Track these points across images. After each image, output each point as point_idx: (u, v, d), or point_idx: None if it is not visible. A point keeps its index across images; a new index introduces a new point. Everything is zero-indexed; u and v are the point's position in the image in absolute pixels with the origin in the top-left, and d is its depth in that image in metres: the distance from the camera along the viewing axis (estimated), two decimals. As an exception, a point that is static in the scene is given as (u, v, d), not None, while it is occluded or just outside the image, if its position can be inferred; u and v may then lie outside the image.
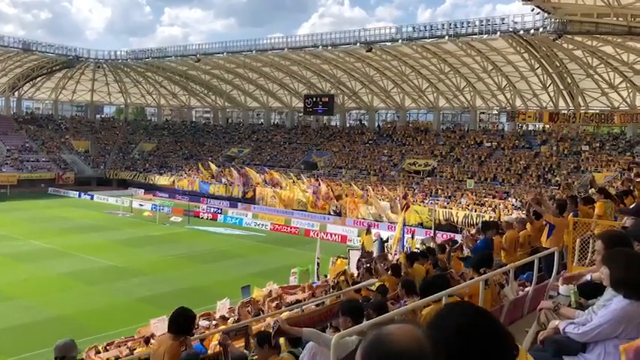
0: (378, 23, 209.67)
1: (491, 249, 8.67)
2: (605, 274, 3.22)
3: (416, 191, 45.64)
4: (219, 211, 49.07)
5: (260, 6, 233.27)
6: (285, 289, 17.37)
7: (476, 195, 43.22)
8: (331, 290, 12.26)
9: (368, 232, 25.02)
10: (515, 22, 39.33)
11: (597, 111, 46.42)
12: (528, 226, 9.71)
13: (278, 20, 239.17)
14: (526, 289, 7.16)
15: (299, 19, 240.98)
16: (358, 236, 36.58)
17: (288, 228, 43.41)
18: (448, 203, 42.82)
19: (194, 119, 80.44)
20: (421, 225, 39.58)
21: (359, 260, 16.88)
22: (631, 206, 7.31)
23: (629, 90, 43.57)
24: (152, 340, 13.24)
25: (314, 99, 58.06)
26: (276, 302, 13.63)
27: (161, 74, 69.48)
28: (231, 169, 56.69)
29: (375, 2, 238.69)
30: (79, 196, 57.90)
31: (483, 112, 56.54)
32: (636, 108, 43.97)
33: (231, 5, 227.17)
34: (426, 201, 43.82)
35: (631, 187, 10.48)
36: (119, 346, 14.57)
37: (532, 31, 38.37)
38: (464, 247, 12.27)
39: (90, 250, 33.03)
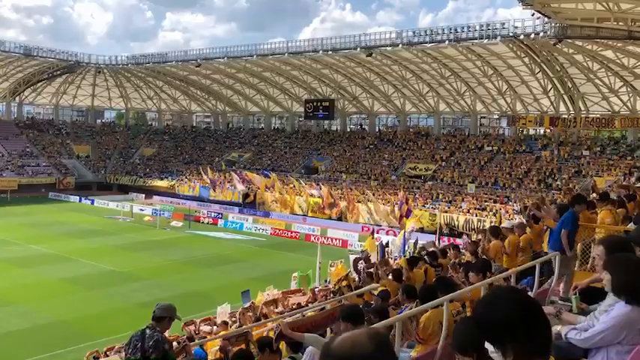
0: (379, 28, 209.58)
1: (576, 225, 7.69)
2: (607, 279, 3.20)
3: (417, 196, 45.62)
4: (220, 215, 49.05)
5: (261, 11, 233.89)
6: (286, 293, 17.34)
7: (477, 199, 43.19)
8: (332, 295, 12.23)
9: (372, 236, 25.05)
10: (516, 27, 39.38)
11: (598, 115, 46.43)
12: (529, 230, 9.71)
13: (279, 25, 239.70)
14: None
15: (300, 23, 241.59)
16: (359, 241, 36.55)
17: (289, 232, 43.39)
18: (449, 208, 42.78)
19: (195, 124, 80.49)
20: (421, 230, 39.53)
21: (355, 261, 16.81)
22: None
23: (630, 94, 43.59)
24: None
25: (314, 104, 58.14)
26: (277, 307, 13.61)
27: (162, 79, 69.63)
28: (232, 173, 56.73)
29: (376, 7, 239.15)
30: (80, 200, 57.89)
31: (484, 117, 56.56)
32: (637, 112, 44.00)
33: (232, 10, 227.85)
34: (427, 205, 43.81)
35: (631, 192, 10.47)
36: (119, 351, 14.52)
37: (532, 35, 38.44)
38: (465, 252, 12.24)
39: (90, 254, 33.00)
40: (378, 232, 37.70)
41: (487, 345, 2.02)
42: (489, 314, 1.96)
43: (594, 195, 11.38)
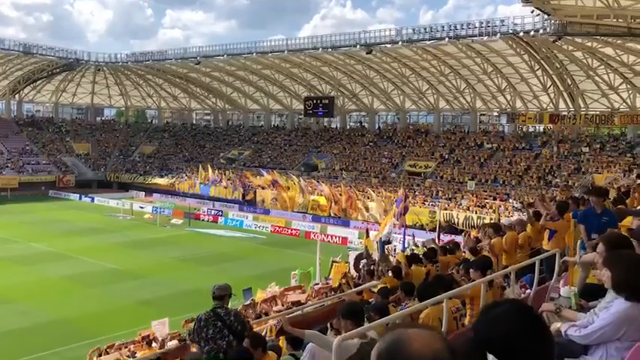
0: (380, 25, 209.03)
1: (588, 218, 7.13)
2: (607, 276, 3.21)
3: (416, 193, 45.61)
4: (220, 213, 49.05)
5: (261, 8, 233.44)
6: (285, 290, 17.38)
7: (476, 197, 43.19)
8: (332, 292, 12.25)
9: (367, 235, 24.99)
10: (515, 24, 39.30)
11: (597, 112, 46.38)
12: (528, 227, 9.72)
13: (279, 22, 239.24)
14: (527, 291, 7.15)
15: (300, 20, 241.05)
16: (359, 238, 36.54)
17: (289, 230, 43.40)
18: (449, 205, 42.77)
19: (194, 122, 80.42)
20: (421, 227, 39.56)
21: (357, 259, 16.84)
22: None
23: (630, 91, 43.54)
24: (154, 343, 13.25)
25: (314, 101, 58.06)
26: (275, 304, 13.64)
27: (161, 77, 69.54)
28: (231, 172, 56.67)
29: (376, 4, 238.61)
30: (80, 198, 57.86)
31: (483, 114, 56.51)
32: (636, 109, 43.94)
33: (232, 7, 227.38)
34: (427, 203, 43.79)
35: (624, 189, 10.49)
36: (120, 349, 14.57)
37: (532, 32, 38.34)
38: (464, 249, 12.26)
39: (90, 252, 33.01)
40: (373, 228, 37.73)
41: None
42: (485, 334, 1.83)
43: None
